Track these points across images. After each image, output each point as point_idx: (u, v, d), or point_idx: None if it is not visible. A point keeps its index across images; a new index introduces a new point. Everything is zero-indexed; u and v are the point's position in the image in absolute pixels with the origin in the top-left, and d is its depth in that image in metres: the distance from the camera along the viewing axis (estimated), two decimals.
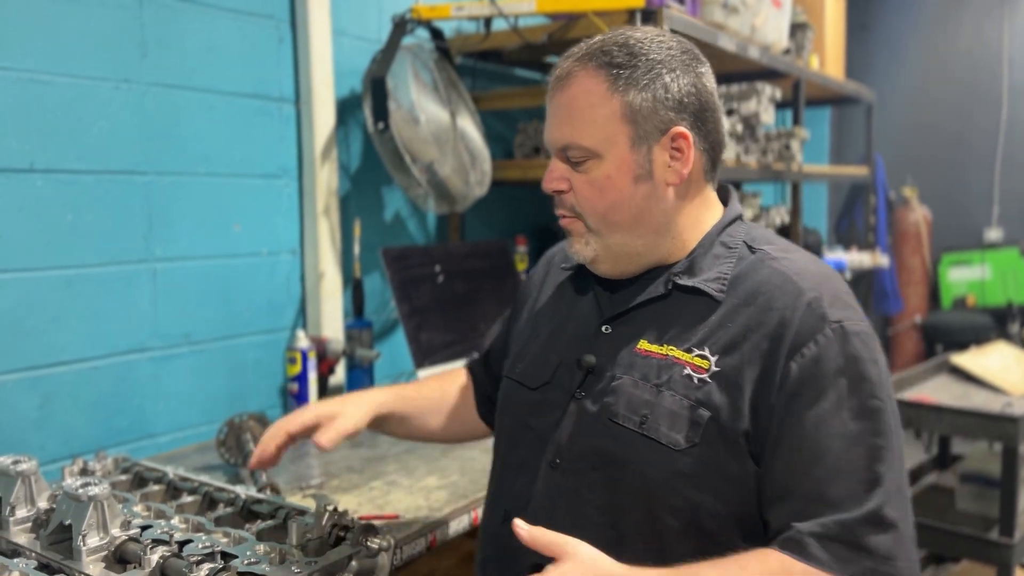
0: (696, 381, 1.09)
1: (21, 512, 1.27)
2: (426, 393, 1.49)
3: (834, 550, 0.99)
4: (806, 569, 0.99)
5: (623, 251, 1.18)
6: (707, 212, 1.21)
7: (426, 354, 2.45)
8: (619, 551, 1.01)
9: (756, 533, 1.08)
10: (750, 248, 1.18)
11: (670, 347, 1.13)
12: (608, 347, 1.18)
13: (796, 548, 1.00)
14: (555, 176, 1.18)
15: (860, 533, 1.00)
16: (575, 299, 1.29)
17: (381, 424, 1.41)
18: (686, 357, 1.11)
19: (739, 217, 1.24)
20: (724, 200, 1.25)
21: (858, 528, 1.00)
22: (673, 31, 2.48)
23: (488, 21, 2.57)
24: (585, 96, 1.13)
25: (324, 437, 1.28)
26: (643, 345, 1.15)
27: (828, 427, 1.03)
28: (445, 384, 1.53)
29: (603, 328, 1.20)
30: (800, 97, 3.63)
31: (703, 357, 1.10)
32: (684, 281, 1.16)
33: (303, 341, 2.33)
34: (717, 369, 1.09)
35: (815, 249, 4.43)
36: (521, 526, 0.98)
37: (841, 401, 1.04)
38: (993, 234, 5.93)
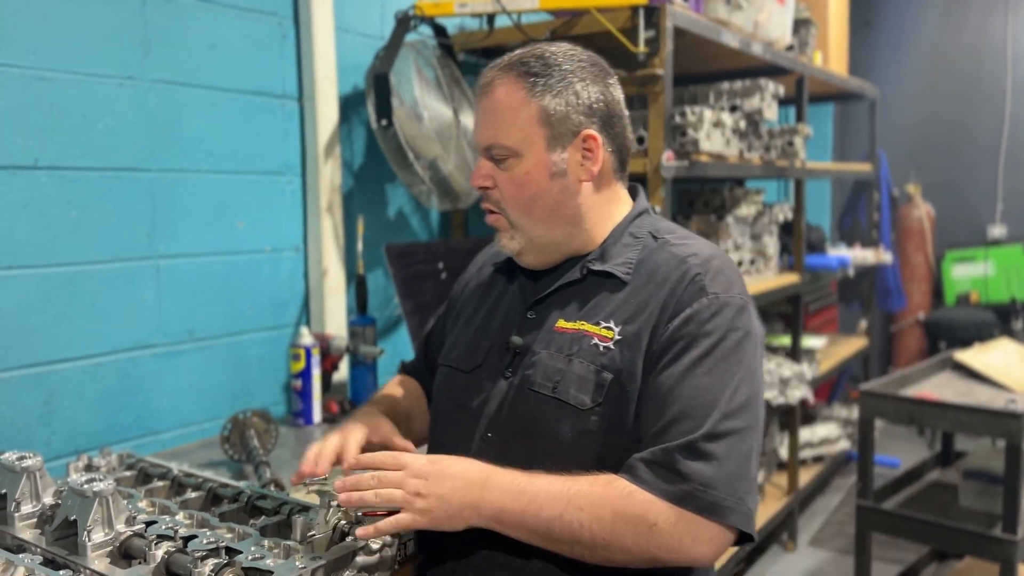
0: (602, 349, 1.24)
1: (26, 508, 1.28)
2: (402, 401, 1.58)
3: (657, 472, 1.15)
4: (628, 485, 1.15)
5: (544, 242, 1.32)
6: (617, 207, 1.36)
7: None
8: None
9: None
10: (654, 237, 1.33)
11: (582, 322, 1.28)
12: (532, 329, 1.32)
13: (627, 470, 1.17)
14: (481, 174, 1.31)
15: (677, 459, 1.14)
16: (503, 291, 1.43)
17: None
18: (594, 329, 1.26)
19: (646, 211, 1.39)
20: (634, 197, 1.40)
21: (676, 453, 1.15)
22: (677, 28, 2.48)
23: (491, 18, 2.57)
24: (507, 101, 1.27)
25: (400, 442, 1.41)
26: (560, 323, 1.30)
27: (683, 380, 1.18)
28: (408, 391, 1.61)
29: (528, 313, 1.34)
30: (803, 93, 3.63)
31: (609, 328, 1.25)
32: (596, 266, 1.31)
33: (307, 338, 2.34)
34: (620, 337, 1.24)
35: (818, 246, 4.43)
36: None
37: (700, 359, 1.19)
38: (997, 231, 5.91)
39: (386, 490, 1.16)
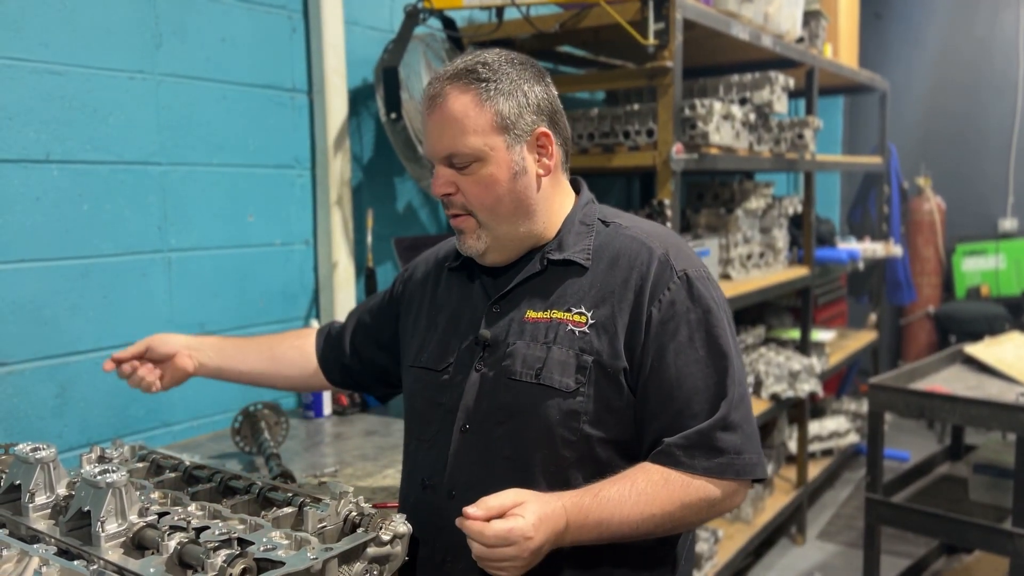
0: (577, 333, 1.30)
1: (40, 499, 1.29)
2: (251, 340, 1.76)
3: (697, 454, 1.26)
4: (680, 475, 1.26)
5: (508, 239, 1.36)
6: (567, 198, 1.42)
7: None
8: (528, 488, 1.23)
9: (634, 455, 1.31)
10: (604, 223, 1.40)
11: (552, 311, 1.33)
12: (500, 323, 1.37)
13: (668, 459, 1.26)
14: (442, 182, 1.33)
15: (713, 437, 1.26)
16: (464, 290, 1.46)
17: (202, 351, 1.68)
18: (567, 316, 1.32)
19: (591, 200, 1.45)
20: (576, 188, 1.46)
21: (711, 433, 1.26)
22: (686, 20, 2.48)
23: (500, 10, 2.57)
24: (462, 110, 1.29)
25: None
26: (530, 314, 1.35)
27: (686, 356, 1.28)
28: (280, 337, 1.75)
29: (493, 308, 1.38)
30: (813, 86, 3.62)
31: (580, 314, 1.31)
32: (555, 256, 1.36)
33: None
34: (593, 321, 1.30)
35: (828, 239, 4.42)
36: (470, 513, 1.14)
37: (692, 333, 1.29)
38: (1008, 224, 5.89)
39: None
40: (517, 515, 1.15)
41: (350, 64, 2.55)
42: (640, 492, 1.23)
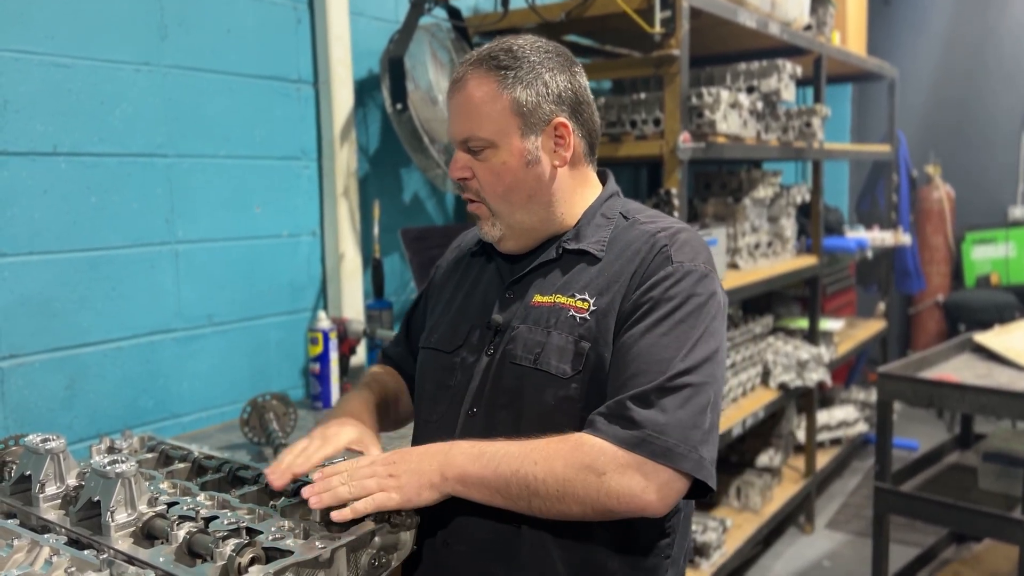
0: (578, 320, 1.30)
1: (51, 489, 1.29)
2: (390, 384, 1.61)
3: (612, 421, 1.20)
4: (591, 439, 1.19)
5: (523, 228, 1.37)
6: (589, 189, 1.42)
7: None
8: None
9: None
10: (625, 217, 1.40)
11: (557, 295, 1.33)
12: (512, 308, 1.38)
13: (588, 425, 1.22)
14: (459, 166, 1.36)
15: (629, 407, 1.19)
16: (481, 274, 1.48)
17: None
18: (570, 301, 1.31)
19: (615, 194, 1.44)
20: (603, 180, 1.46)
21: (628, 403, 1.19)
22: (693, 8, 2.46)
23: (506, 0, 2.56)
24: (479, 95, 1.31)
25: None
26: (536, 298, 1.35)
27: (643, 338, 1.24)
28: (391, 376, 1.64)
29: (506, 294, 1.39)
30: (821, 74, 3.60)
31: (584, 300, 1.31)
32: (571, 245, 1.37)
33: (324, 322, 2.35)
34: (594, 308, 1.30)
35: (836, 228, 4.40)
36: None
37: (660, 320, 1.25)
38: (1018, 212, 5.85)
39: (358, 481, 1.21)
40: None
41: (356, 55, 2.55)
42: (537, 441, 1.21)
